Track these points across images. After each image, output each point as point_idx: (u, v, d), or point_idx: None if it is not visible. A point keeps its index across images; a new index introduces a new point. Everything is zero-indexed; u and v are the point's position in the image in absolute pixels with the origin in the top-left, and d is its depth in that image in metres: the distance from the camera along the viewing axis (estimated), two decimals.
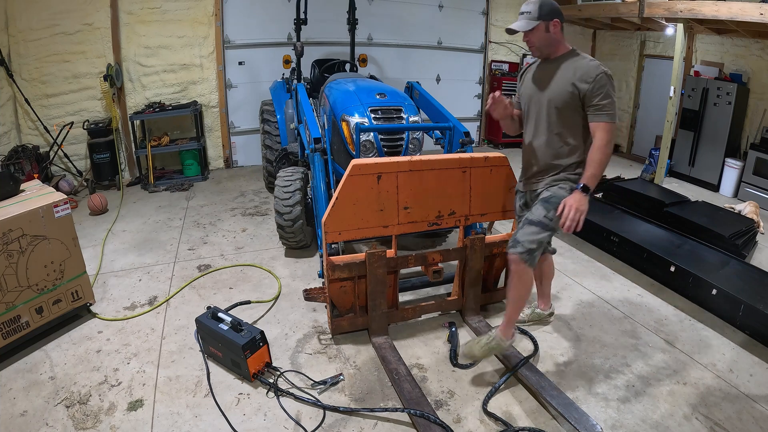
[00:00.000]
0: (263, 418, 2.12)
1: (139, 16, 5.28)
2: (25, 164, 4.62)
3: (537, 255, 2.24)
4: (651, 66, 7.19)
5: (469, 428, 2.10)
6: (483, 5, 7.19)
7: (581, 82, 2.13)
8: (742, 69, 5.73)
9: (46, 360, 2.49)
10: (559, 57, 2.25)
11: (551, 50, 2.26)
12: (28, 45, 4.88)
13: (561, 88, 2.19)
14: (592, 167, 2.14)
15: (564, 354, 2.61)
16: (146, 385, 2.32)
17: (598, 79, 2.10)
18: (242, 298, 3.03)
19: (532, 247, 2.20)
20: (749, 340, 2.77)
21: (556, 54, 2.26)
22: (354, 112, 3.33)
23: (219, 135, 6.02)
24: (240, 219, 4.43)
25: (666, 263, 3.32)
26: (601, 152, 2.14)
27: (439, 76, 7.19)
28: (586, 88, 2.12)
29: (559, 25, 2.22)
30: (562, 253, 3.87)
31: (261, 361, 2.34)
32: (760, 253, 3.97)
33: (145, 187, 5.28)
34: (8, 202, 2.60)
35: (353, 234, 2.49)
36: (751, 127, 5.62)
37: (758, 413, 2.21)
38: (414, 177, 2.49)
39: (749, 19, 4.50)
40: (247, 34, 5.80)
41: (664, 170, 5.89)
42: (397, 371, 2.35)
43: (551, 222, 2.21)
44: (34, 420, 2.09)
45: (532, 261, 2.23)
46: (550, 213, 2.21)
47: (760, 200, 5.07)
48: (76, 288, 2.77)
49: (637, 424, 2.13)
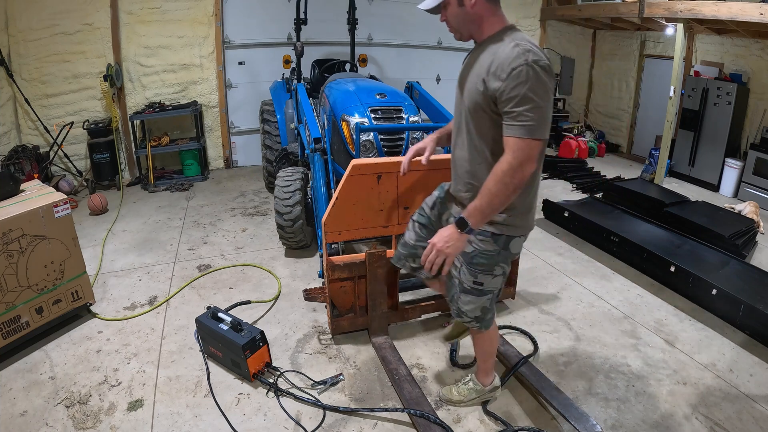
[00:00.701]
0: (263, 418, 2.12)
1: (139, 16, 5.28)
2: (25, 164, 4.62)
3: (490, 316, 1.94)
4: (651, 66, 7.19)
5: (469, 428, 2.10)
6: None
7: (493, 78, 1.54)
8: (742, 69, 5.73)
9: (46, 360, 2.49)
10: (486, 40, 1.65)
11: (473, 30, 1.67)
12: (28, 45, 4.88)
13: (472, 84, 1.64)
14: (481, 198, 1.61)
15: (564, 354, 2.61)
16: (146, 385, 2.32)
17: (514, 75, 1.48)
18: (242, 298, 3.03)
19: (478, 315, 1.90)
20: (749, 340, 2.77)
21: (482, 36, 1.67)
22: (354, 112, 3.33)
23: (219, 135, 6.02)
24: (240, 219, 4.43)
25: (666, 263, 3.32)
26: (498, 180, 1.56)
27: (439, 76, 7.19)
28: (496, 87, 1.53)
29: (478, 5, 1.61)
30: (562, 253, 3.88)
31: (261, 361, 2.34)
32: (760, 253, 3.97)
33: (145, 187, 5.27)
34: (8, 202, 2.60)
35: (353, 234, 2.49)
36: (751, 127, 5.62)
37: (758, 413, 2.21)
38: (414, 177, 2.49)
39: (749, 19, 4.50)
40: (247, 34, 5.79)
41: (664, 170, 5.89)
42: (397, 371, 2.35)
43: (487, 284, 1.82)
44: (34, 420, 2.09)
45: (487, 323, 1.95)
46: (480, 276, 1.80)
47: (760, 200, 5.07)
48: (76, 288, 2.77)
49: (637, 424, 2.13)
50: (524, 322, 2.90)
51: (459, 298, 1.89)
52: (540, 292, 3.26)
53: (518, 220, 1.75)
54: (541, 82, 1.49)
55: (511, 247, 1.79)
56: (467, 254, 1.79)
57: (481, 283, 1.82)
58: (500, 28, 1.63)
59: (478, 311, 1.89)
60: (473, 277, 1.81)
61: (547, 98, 1.52)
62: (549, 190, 5.44)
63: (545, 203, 4.58)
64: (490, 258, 1.77)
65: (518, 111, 1.50)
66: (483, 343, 2.09)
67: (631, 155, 7.50)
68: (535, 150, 1.54)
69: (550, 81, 1.52)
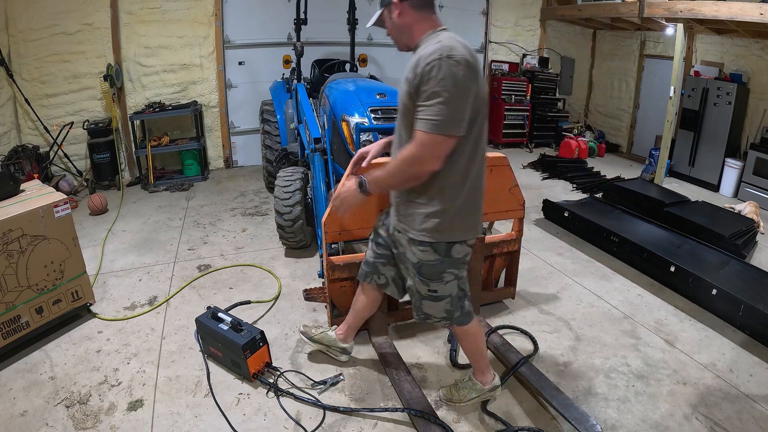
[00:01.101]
0: (263, 418, 2.12)
1: (139, 16, 5.28)
2: (25, 164, 4.62)
3: (458, 314, 1.92)
4: (651, 66, 7.19)
5: (469, 428, 2.10)
6: (483, 5, 7.19)
7: (412, 75, 1.56)
8: (742, 69, 5.73)
9: (46, 360, 2.49)
10: (416, 45, 1.69)
11: (407, 40, 1.72)
12: (28, 45, 4.88)
13: (400, 88, 1.68)
14: (383, 171, 1.67)
15: (564, 354, 2.61)
16: (146, 385, 2.32)
17: (427, 70, 1.50)
18: (242, 298, 3.03)
19: (443, 315, 1.92)
20: (749, 340, 2.77)
21: (413, 43, 1.70)
22: (354, 112, 3.33)
23: (219, 135, 6.02)
24: (240, 219, 4.43)
25: (666, 263, 3.32)
26: (398, 164, 1.60)
27: None
28: (413, 83, 1.55)
29: (401, 6, 1.66)
30: (562, 253, 3.88)
31: (261, 361, 2.34)
32: (760, 253, 3.97)
33: (145, 187, 5.27)
34: (8, 202, 2.60)
35: (353, 234, 2.49)
36: (751, 127, 5.62)
37: (758, 413, 2.21)
38: None
39: (749, 19, 4.50)
40: (247, 34, 5.80)
41: (664, 170, 5.89)
42: (397, 371, 2.35)
43: (441, 290, 1.84)
44: (34, 420, 2.09)
45: (458, 320, 1.94)
46: (432, 284, 1.82)
47: (760, 200, 5.07)
48: (76, 288, 2.77)
49: (637, 424, 2.13)
50: (524, 322, 2.90)
51: (421, 304, 1.93)
52: (540, 292, 3.26)
53: (452, 225, 1.72)
54: (452, 78, 1.48)
55: (454, 253, 1.78)
56: (414, 265, 1.82)
57: (435, 290, 1.85)
58: (430, 31, 1.66)
59: (442, 312, 1.92)
60: (426, 286, 1.85)
61: (460, 93, 1.50)
62: (549, 190, 5.44)
63: (545, 203, 4.58)
64: (434, 267, 1.79)
65: (427, 105, 1.51)
66: (464, 341, 2.10)
67: (631, 155, 7.50)
68: (441, 147, 1.54)
69: (467, 76, 1.50)
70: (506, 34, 7.48)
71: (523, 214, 2.84)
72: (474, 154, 1.65)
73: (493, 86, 7.42)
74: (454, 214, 1.71)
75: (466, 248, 1.82)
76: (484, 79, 1.68)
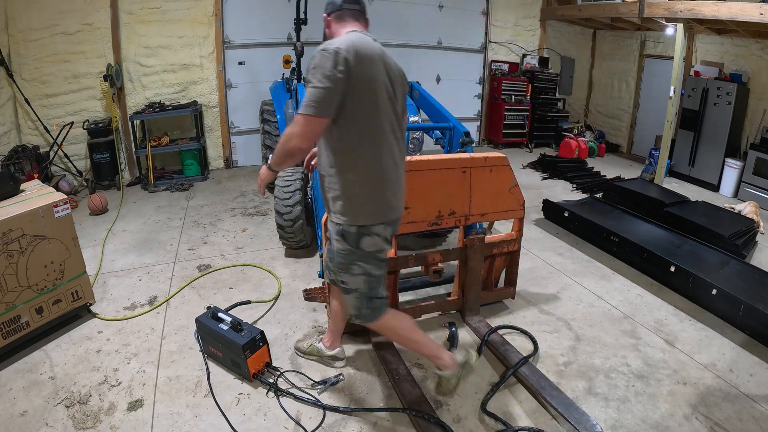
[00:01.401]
0: (263, 418, 2.12)
1: (139, 16, 5.28)
2: (25, 164, 4.62)
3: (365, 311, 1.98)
4: (651, 66, 7.19)
5: (469, 428, 2.10)
6: (483, 5, 7.19)
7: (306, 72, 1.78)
8: (742, 69, 5.73)
9: (46, 360, 2.49)
10: None
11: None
12: (28, 45, 4.88)
13: None
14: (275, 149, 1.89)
15: (564, 354, 2.61)
16: (146, 385, 2.32)
17: (311, 62, 1.71)
18: (242, 298, 3.03)
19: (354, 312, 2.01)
20: (749, 340, 2.77)
21: None
22: None
23: (219, 135, 6.02)
24: (240, 219, 4.43)
25: (666, 263, 3.32)
26: (281, 142, 1.80)
27: (439, 76, 7.19)
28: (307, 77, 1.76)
29: (327, 19, 1.92)
30: (562, 253, 3.88)
31: (261, 361, 2.34)
32: (760, 253, 3.97)
33: (145, 187, 5.27)
34: (8, 202, 2.60)
35: None
36: (751, 127, 5.63)
37: (758, 413, 2.21)
38: (414, 177, 2.49)
39: (749, 19, 4.50)
40: (247, 34, 5.80)
41: (664, 170, 5.90)
42: (397, 371, 2.35)
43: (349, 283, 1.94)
44: (34, 420, 2.09)
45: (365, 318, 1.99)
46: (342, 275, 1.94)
47: (760, 200, 5.07)
48: (76, 288, 2.77)
49: (637, 424, 2.13)
50: (524, 322, 2.90)
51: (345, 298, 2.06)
52: (540, 292, 3.26)
53: (355, 209, 1.83)
54: (321, 67, 1.66)
55: (363, 246, 1.87)
56: (332, 252, 1.97)
57: (344, 281, 1.96)
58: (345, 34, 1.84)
59: (352, 308, 2.00)
60: (337, 276, 1.98)
61: (324, 80, 1.66)
62: (549, 190, 5.44)
63: (545, 203, 4.58)
64: (345, 257, 1.91)
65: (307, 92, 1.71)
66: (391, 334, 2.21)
67: (631, 155, 7.50)
68: (306, 126, 1.71)
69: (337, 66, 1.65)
70: (506, 34, 7.48)
71: (523, 214, 2.84)
72: (369, 140, 1.79)
73: (493, 86, 7.42)
74: (353, 196, 1.82)
75: (379, 242, 1.89)
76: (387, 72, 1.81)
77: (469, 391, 2.32)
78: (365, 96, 1.75)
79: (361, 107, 1.75)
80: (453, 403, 2.24)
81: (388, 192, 1.87)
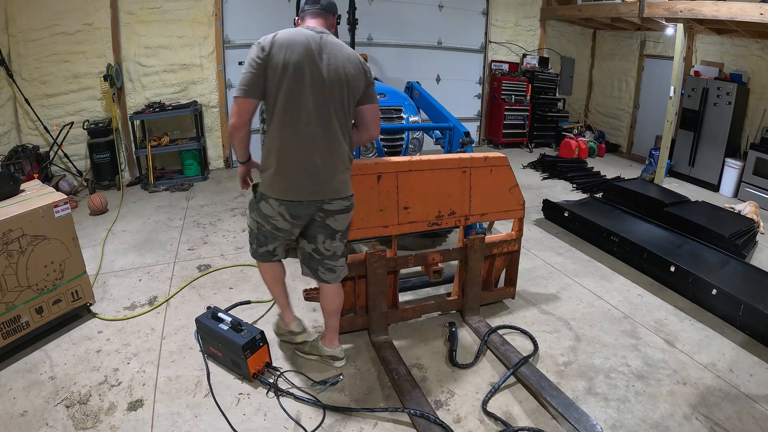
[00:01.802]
0: (263, 418, 2.12)
1: (139, 16, 5.28)
2: (25, 164, 4.61)
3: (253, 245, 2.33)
4: (651, 66, 7.19)
5: (469, 428, 2.10)
6: (483, 5, 7.19)
7: None
8: (742, 69, 5.73)
9: (46, 360, 2.49)
10: None
11: None
12: (28, 45, 4.88)
13: None
14: None
15: (564, 354, 2.61)
16: (146, 385, 2.32)
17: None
18: (242, 298, 3.03)
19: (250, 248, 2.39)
20: (749, 340, 2.77)
21: None
22: None
23: (219, 135, 6.02)
24: (240, 219, 4.43)
25: (666, 263, 3.32)
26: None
27: (439, 76, 7.19)
28: None
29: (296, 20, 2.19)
30: (562, 253, 3.88)
31: (261, 361, 2.34)
32: (760, 253, 3.97)
33: (145, 187, 5.27)
34: (8, 202, 2.60)
35: (353, 234, 2.48)
36: (751, 127, 5.63)
37: (758, 413, 2.21)
38: (414, 177, 2.49)
39: (749, 19, 4.50)
40: (247, 34, 5.79)
41: (664, 170, 5.90)
42: (397, 371, 2.35)
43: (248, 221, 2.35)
44: (34, 420, 2.09)
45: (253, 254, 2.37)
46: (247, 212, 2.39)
47: (760, 200, 5.08)
48: (76, 288, 2.77)
49: (637, 424, 2.13)
50: (524, 322, 2.90)
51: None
52: (540, 292, 3.26)
53: (261, 175, 2.08)
54: (249, 56, 1.93)
55: (261, 206, 2.13)
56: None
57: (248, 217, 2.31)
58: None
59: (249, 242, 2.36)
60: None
61: (248, 67, 1.92)
62: (549, 190, 5.44)
63: (545, 203, 4.58)
64: (250, 203, 2.24)
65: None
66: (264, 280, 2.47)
67: (631, 155, 7.50)
68: (237, 107, 1.95)
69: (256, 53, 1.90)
70: (506, 34, 7.48)
71: (523, 214, 2.84)
72: (279, 120, 1.96)
73: (493, 86, 7.43)
74: (263, 164, 2.07)
75: (273, 211, 2.08)
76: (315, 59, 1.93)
77: (469, 391, 2.32)
78: (281, 80, 1.91)
79: (275, 90, 1.93)
80: (453, 403, 2.25)
81: (290, 173, 2.01)
